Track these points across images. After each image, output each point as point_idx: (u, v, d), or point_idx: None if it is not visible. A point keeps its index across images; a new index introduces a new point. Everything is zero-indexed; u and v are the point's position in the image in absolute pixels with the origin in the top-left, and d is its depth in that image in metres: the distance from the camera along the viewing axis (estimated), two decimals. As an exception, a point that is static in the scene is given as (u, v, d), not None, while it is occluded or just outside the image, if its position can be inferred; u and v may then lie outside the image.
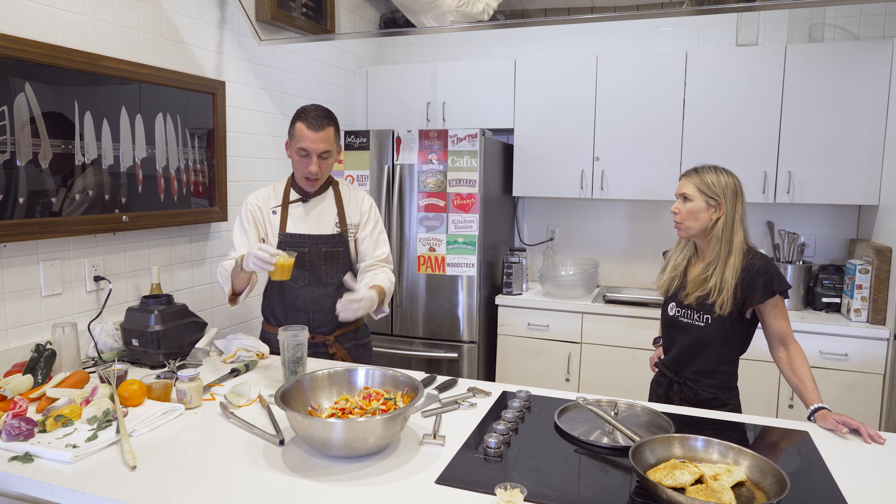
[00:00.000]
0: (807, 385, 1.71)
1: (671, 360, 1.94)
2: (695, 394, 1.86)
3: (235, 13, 2.74)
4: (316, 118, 1.95)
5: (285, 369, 1.77)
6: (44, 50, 1.89)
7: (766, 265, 1.78)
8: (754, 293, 1.76)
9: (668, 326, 1.98)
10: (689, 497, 1.13)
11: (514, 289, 3.41)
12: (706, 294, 1.81)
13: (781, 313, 1.80)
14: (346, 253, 2.11)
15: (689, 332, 1.88)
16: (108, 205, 2.14)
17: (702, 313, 1.84)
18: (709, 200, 1.82)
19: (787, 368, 1.78)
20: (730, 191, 1.83)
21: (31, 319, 1.98)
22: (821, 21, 3.24)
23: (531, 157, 3.48)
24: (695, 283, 1.86)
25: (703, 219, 1.83)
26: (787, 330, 1.80)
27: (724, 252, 1.80)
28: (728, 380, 1.87)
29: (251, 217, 2.06)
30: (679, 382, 1.90)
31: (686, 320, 1.88)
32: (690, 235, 1.89)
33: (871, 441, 1.51)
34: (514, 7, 3.77)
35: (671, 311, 1.94)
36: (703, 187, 1.83)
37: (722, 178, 1.84)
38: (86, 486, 1.23)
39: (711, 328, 1.83)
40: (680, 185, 1.90)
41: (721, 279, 1.78)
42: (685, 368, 1.90)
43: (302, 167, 1.99)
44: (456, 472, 1.31)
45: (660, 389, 1.98)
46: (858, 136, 2.94)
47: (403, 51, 4.08)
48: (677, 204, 1.88)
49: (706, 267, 1.84)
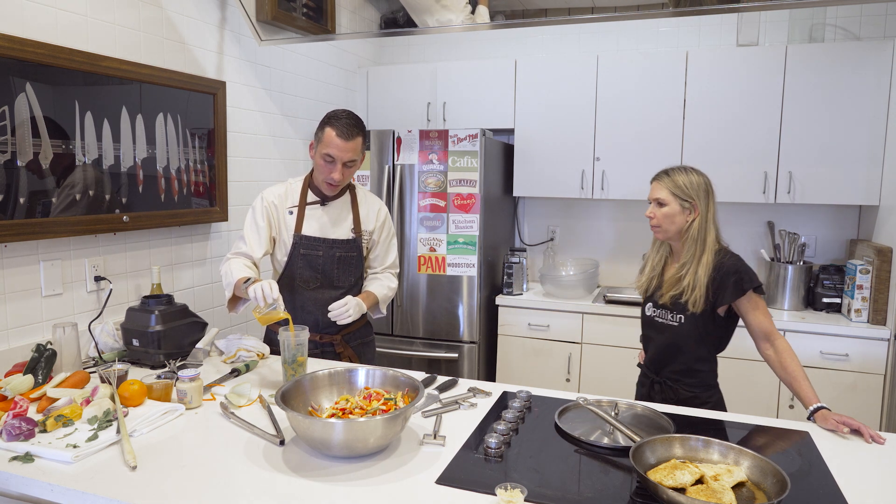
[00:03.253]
0: (801, 383, 1.70)
1: (650, 361, 1.97)
2: (675, 393, 1.88)
3: (236, 13, 2.74)
4: (347, 127, 1.93)
5: (286, 369, 1.77)
6: (44, 50, 1.89)
7: (737, 264, 1.79)
8: (725, 291, 1.77)
9: (646, 327, 2.00)
10: (689, 497, 1.13)
11: (515, 289, 3.41)
12: (680, 293, 1.83)
13: (761, 309, 1.80)
14: (359, 258, 2.13)
15: (664, 331, 1.89)
16: (108, 205, 2.14)
17: (675, 313, 1.86)
18: (683, 203, 1.83)
19: (778, 366, 1.77)
20: (702, 191, 1.83)
21: (32, 319, 1.98)
22: (821, 21, 3.24)
23: (531, 157, 3.48)
24: (670, 282, 1.87)
25: (679, 221, 1.84)
26: (770, 325, 1.80)
27: (699, 251, 1.82)
28: (707, 378, 1.88)
29: (266, 214, 2.05)
30: (660, 382, 1.92)
31: (661, 320, 1.90)
32: (668, 238, 1.90)
33: (872, 441, 1.51)
34: (514, 7, 3.78)
35: (648, 311, 1.97)
36: (676, 190, 1.83)
37: (693, 179, 1.84)
38: (86, 486, 1.23)
39: (685, 327, 1.84)
40: (652, 190, 1.89)
41: (694, 278, 1.80)
42: (664, 368, 1.91)
43: (325, 172, 1.98)
44: (456, 472, 1.31)
45: (642, 389, 2.00)
46: (859, 136, 2.94)
47: (404, 51, 4.08)
48: (652, 208, 1.88)
49: (681, 266, 1.85)
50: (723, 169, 3.14)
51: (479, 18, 3.45)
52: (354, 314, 1.96)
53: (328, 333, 2.11)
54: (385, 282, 2.19)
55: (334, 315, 1.95)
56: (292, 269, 2.07)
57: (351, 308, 1.95)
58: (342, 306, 1.95)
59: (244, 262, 1.98)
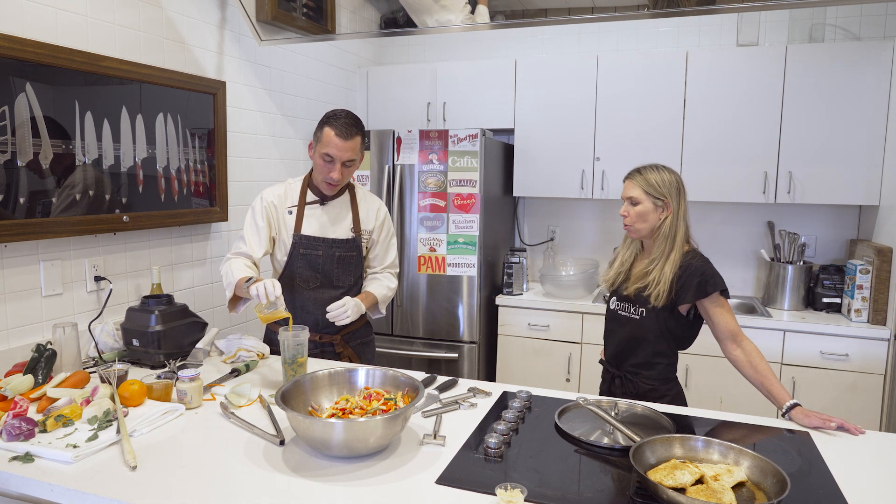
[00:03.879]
0: (773, 382, 1.72)
1: (612, 355, 1.98)
2: (635, 386, 1.89)
3: (236, 13, 2.74)
4: (345, 126, 1.93)
5: (286, 369, 1.77)
6: (44, 50, 1.89)
7: (703, 266, 1.80)
8: (687, 292, 1.78)
9: (609, 321, 2.00)
10: (689, 497, 1.13)
11: (515, 289, 3.41)
12: (644, 286, 1.84)
13: (726, 310, 1.81)
14: (358, 258, 2.13)
15: (626, 324, 1.91)
16: (108, 205, 2.14)
17: (637, 306, 1.87)
18: (656, 201, 1.84)
19: (747, 366, 1.77)
20: (674, 189, 1.85)
21: (32, 319, 1.98)
22: (821, 21, 3.24)
23: (531, 157, 3.48)
24: (637, 276, 1.89)
25: (652, 219, 1.85)
26: (736, 326, 1.80)
27: (668, 248, 1.83)
28: (666, 371, 1.89)
29: (265, 213, 2.05)
30: (620, 376, 1.93)
31: (623, 313, 1.92)
32: (641, 236, 1.91)
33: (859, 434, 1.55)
34: (514, 7, 3.78)
35: (612, 304, 1.98)
36: (648, 189, 1.84)
37: (665, 177, 1.85)
38: (86, 486, 1.23)
39: (646, 321, 1.85)
40: (625, 188, 1.90)
41: (661, 273, 1.81)
42: (625, 362, 1.92)
43: (324, 172, 1.98)
44: (456, 472, 1.31)
45: (604, 385, 2.02)
46: (859, 136, 2.94)
47: (404, 51, 4.08)
48: (625, 207, 1.89)
49: (650, 262, 1.86)
50: (723, 169, 3.14)
51: (479, 18, 3.46)
52: (353, 315, 1.97)
53: (328, 333, 2.11)
54: (384, 282, 2.19)
55: (332, 316, 1.95)
56: (292, 269, 2.07)
57: (349, 309, 1.95)
58: (340, 307, 1.95)
59: (244, 262, 1.98)
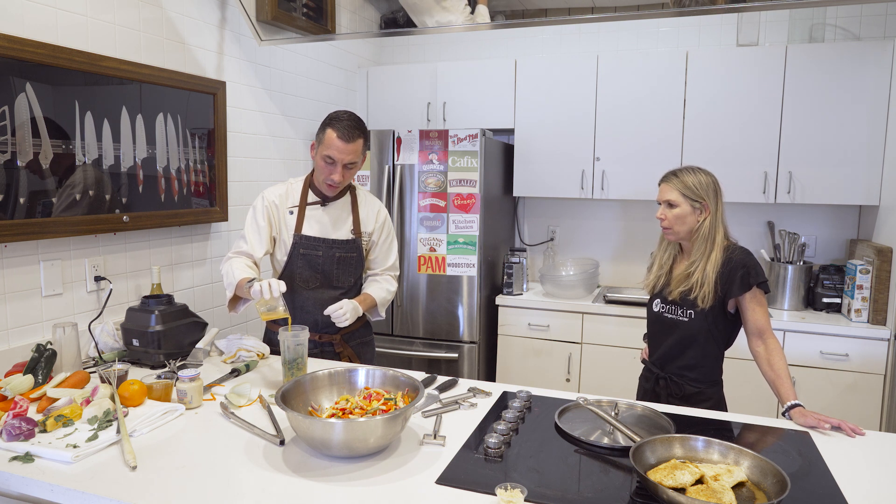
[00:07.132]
0: (785, 381, 1.72)
1: (657, 357, 1.97)
2: (680, 388, 1.88)
3: (236, 13, 2.74)
4: (348, 129, 1.93)
5: (286, 369, 1.77)
6: (44, 50, 1.89)
7: (745, 258, 1.80)
8: (733, 285, 1.78)
9: (653, 323, 2.00)
10: (689, 497, 1.13)
11: (515, 289, 3.40)
12: (689, 289, 1.84)
13: (760, 306, 1.81)
14: (359, 259, 2.13)
15: (673, 327, 1.90)
16: (108, 205, 2.14)
17: (685, 308, 1.86)
18: (693, 203, 1.84)
19: (765, 363, 1.78)
20: (711, 190, 1.85)
21: (32, 319, 1.98)
22: (821, 21, 3.24)
23: (531, 157, 3.48)
24: (678, 279, 1.88)
25: (691, 222, 1.85)
26: (766, 324, 1.80)
27: (709, 249, 1.83)
28: (712, 374, 1.89)
29: (267, 213, 2.05)
30: (665, 378, 1.92)
31: (671, 316, 1.91)
32: (679, 239, 1.91)
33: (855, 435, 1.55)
34: (514, 7, 3.78)
35: (655, 307, 1.97)
36: (686, 191, 1.84)
37: (702, 178, 1.85)
38: (86, 487, 1.23)
39: (695, 323, 1.85)
40: (661, 192, 1.90)
41: (703, 275, 1.81)
42: (671, 364, 1.92)
43: (325, 173, 1.98)
44: (456, 472, 1.31)
45: (647, 385, 2.01)
46: (859, 136, 2.94)
47: (404, 51, 4.08)
48: (662, 210, 1.89)
49: (690, 264, 1.86)
50: (722, 169, 3.12)
51: (479, 18, 3.45)
52: (350, 317, 1.97)
53: (328, 333, 2.11)
54: (384, 285, 2.19)
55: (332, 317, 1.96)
56: (292, 269, 2.07)
57: (347, 312, 1.96)
58: (338, 309, 1.95)
59: (245, 262, 1.98)
